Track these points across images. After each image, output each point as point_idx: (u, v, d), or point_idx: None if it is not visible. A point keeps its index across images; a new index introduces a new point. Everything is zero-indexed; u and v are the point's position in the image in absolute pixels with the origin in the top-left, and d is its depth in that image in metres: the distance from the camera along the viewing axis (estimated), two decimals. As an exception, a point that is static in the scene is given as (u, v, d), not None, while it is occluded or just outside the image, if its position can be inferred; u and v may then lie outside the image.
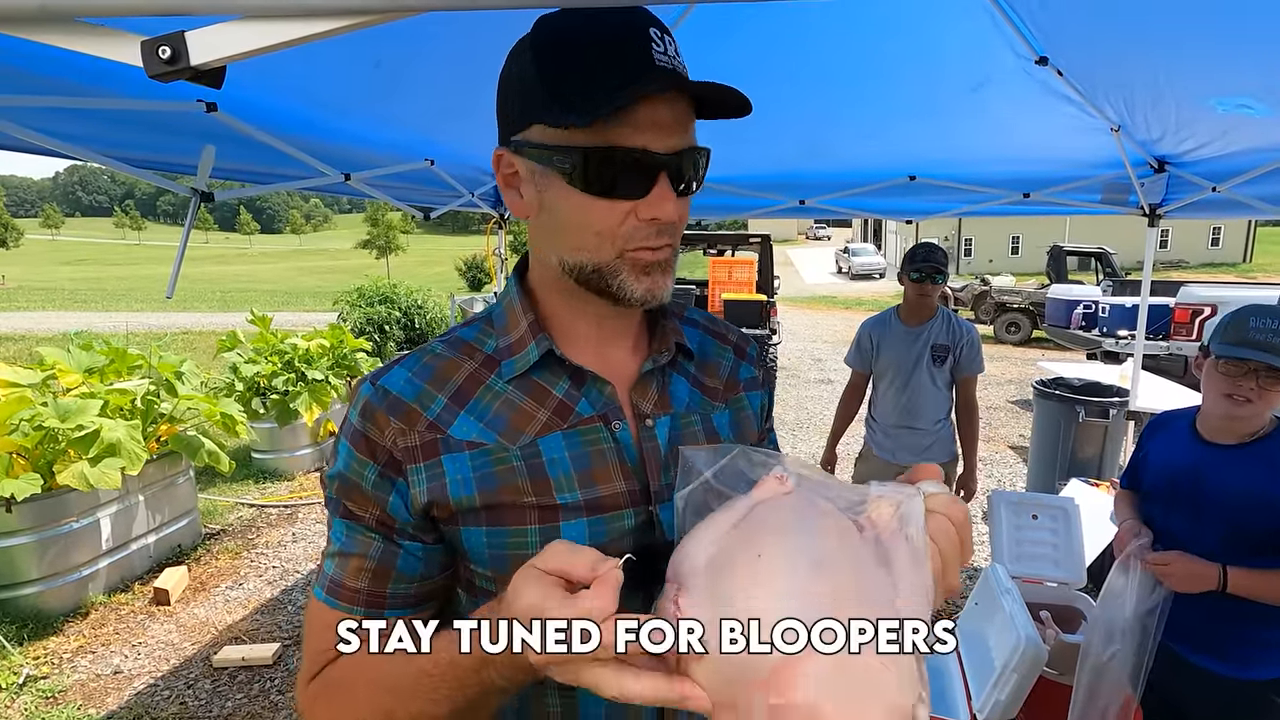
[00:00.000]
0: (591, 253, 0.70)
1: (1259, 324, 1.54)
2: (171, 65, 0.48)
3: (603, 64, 0.64)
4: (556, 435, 0.73)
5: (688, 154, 0.68)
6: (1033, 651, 1.77)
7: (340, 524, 0.74)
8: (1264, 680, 1.63)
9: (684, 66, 0.67)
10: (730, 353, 0.91)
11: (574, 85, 0.64)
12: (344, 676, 0.70)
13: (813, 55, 2.20)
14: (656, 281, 0.71)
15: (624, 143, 0.65)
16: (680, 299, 0.94)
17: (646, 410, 0.78)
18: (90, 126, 1.85)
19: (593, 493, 0.72)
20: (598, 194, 0.67)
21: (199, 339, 14.29)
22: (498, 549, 0.72)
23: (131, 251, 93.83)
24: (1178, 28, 1.69)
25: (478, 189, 3.61)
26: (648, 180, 0.67)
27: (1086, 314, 10.04)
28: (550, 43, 0.66)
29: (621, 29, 0.64)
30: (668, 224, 0.69)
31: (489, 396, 0.75)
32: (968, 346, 3.00)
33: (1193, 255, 32.03)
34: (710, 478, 0.59)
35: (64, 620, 3.56)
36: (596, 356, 0.78)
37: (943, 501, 0.55)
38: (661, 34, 0.66)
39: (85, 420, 3.54)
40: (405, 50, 1.88)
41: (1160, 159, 2.86)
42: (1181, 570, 1.63)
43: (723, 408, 0.85)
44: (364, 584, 0.72)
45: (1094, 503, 3.03)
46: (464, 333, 0.80)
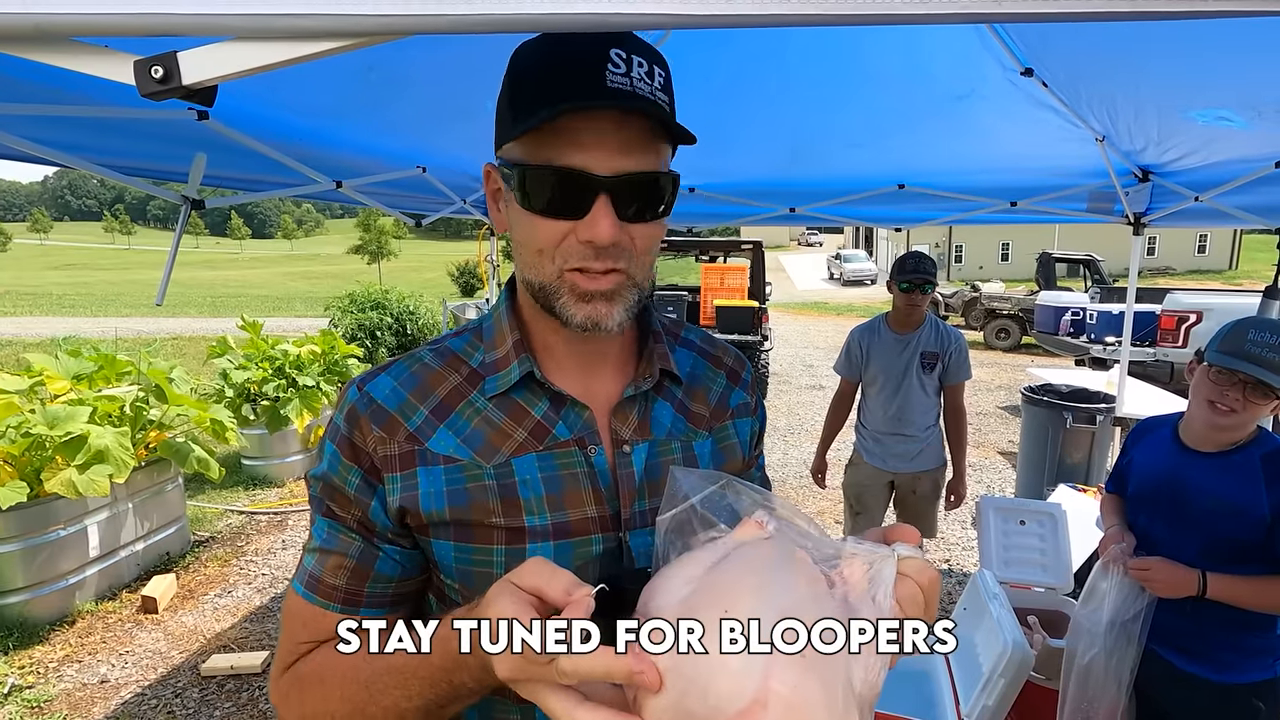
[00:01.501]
0: (536, 271, 0.71)
1: (1256, 337, 1.55)
2: (164, 84, 0.49)
3: (550, 82, 0.64)
4: (530, 456, 0.74)
5: (636, 179, 0.67)
6: (1019, 656, 1.79)
7: (323, 522, 0.75)
8: (1245, 684, 1.65)
9: (652, 89, 0.65)
10: (723, 377, 0.90)
11: (522, 102, 0.66)
12: (317, 670, 0.72)
13: (802, 66, 2.23)
14: (598, 309, 0.70)
15: (560, 161, 0.65)
16: (673, 305, 0.94)
17: (625, 436, 0.77)
18: (81, 134, 1.84)
19: (562, 517, 0.73)
20: (538, 212, 0.67)
21: (189, 345, 14.20)
22: (464, 564, 0.73)
23: (121, 256, 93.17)
24: (1158, 41, 1.72)
25: (470, 196, 3.62)
26: (586, 202, 0.66)
27: (1075, 320, 10.13)
28: (519, 64, 0.69)
29: (582, 49, 0.64)
30: (606, 247, 0.67)
31: (469, 412, 0.76)
32: (956, 353, 3.03)
33: (1179, 262, 32.37)
34: (695, 503, 0.59)
35: (50, 629, 3.52)
36: (577, 380, 0.79)
37: (914, 566, 0.55)
38: (628, 56, 0.64)
39: (73, 427, 3.52)
40: (397, 58, 1.89)
41: (1144, 169, 2.90)
42: (1162, 576, 1.66)
43: (706, 435, 0.84)
44: (342, 581, 0.74)
45: (1081, 508, 3.06)
46: (453, 343, 0.81)
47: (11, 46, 0.49)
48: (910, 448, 3.09)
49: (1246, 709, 1.65)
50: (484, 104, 0.74)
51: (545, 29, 0.46)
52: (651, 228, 0.71)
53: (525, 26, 0.47)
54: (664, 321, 0.90)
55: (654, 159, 0.69)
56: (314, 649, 0.74)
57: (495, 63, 0.72)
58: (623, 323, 0.72)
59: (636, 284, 0.73)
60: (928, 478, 3.14)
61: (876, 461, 3.15)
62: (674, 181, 0.72)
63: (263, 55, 0.48)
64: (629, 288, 0.72)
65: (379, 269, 49.36)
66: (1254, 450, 1.62)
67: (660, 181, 0.70)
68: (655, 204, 0.70)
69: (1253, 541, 1.58)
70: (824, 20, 0.46)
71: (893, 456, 3.12)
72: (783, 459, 6.48)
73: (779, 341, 12.86)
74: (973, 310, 15.34)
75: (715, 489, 0.60)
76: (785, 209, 3.74)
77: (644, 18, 0.46)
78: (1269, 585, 1.57)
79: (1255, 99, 1.91)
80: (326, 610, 0.73)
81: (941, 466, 3.17)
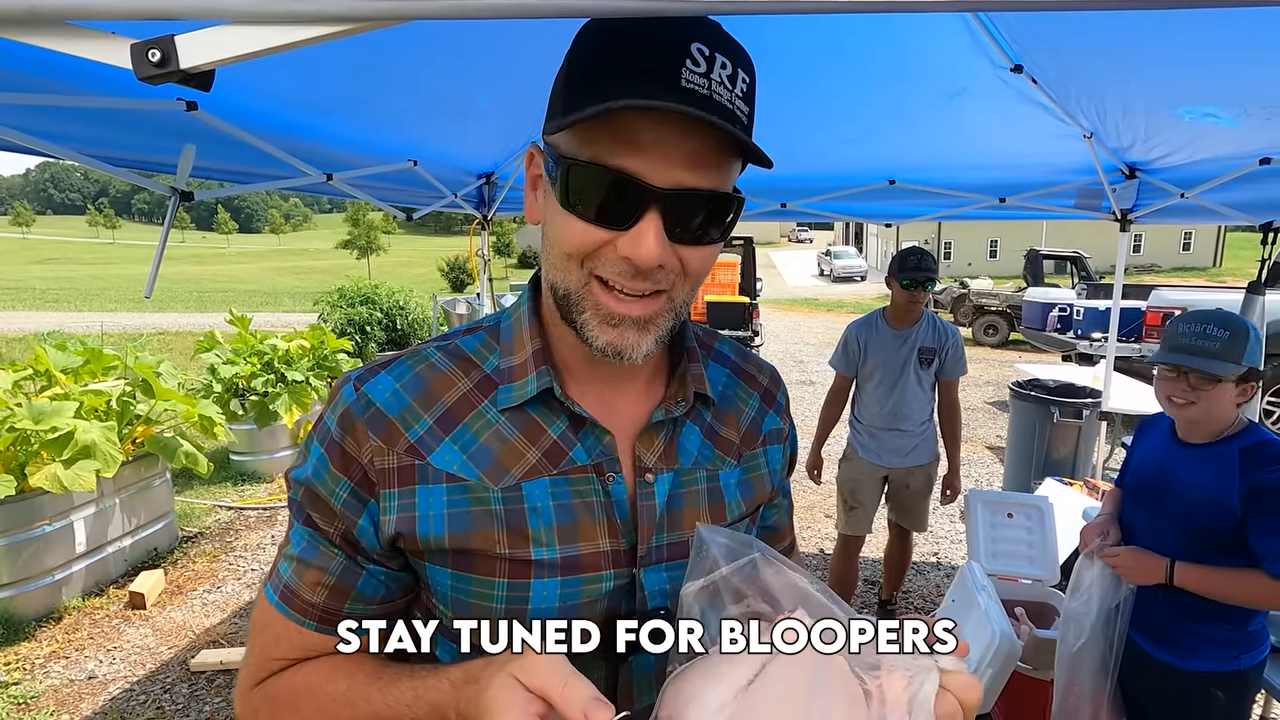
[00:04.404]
0: (563, 275, 0.63)
1: (1185, 329, 1.64)
2: (160, 68, 0.49)
3: (617, 70, 0.56)
4: (543, 481, 0.67)
5: (693, 196, 0.58)
6: (1007, 647, 1.81)
7: (302, 530, 0.68)
8: (1207, 672, 1.69)
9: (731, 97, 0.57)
10: (756, 399, 0.82)
11: (580, 87, 0.58)
12: (290, 695, 0.67)
13: (794, 61, 2.23)
14: (626, 337, 0.62)
15: (612, 162, 0.56)
16: (706, 335, 0.83)
17: (649, 464, 0.70)
18: (68, 124, 1.83)
19: (572, 550, 0.66)
20: (577, 212, 0.59)
21: (175, 340, 14.06)
22: (461, 594, 0.67)
23: (106, 250, 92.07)
24: (1146, 39, 1.74)
25: (460, 190, 3.61)
26: (634, 212, 0.57)
27: (1062, 317, 10.20)
28: (585, 43, 0.60)
29: (661, 38, 0.55)
30: (646, 268, 0.59)
31: (479, 424, 0.68)
32: (953, 349, 3.06)
33: (1165, 260, 32.68)
34: (726, 573, 0.55)
35: (36, 625, 3.49)
36: (600, 398, 0.71)
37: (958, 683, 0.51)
38: (711, 54, 0.56)
39: (59, 422, 3.48)
40: (391, 51, 1.88)
41: (1131, 165, 2.93)
42: (1130, 563, 1.71)
43: (734, 465, 0.76)
44: (320, 599, 0.67)
45: (1068, 501, 3.09)
46: (465, 342, 0.73)
47: (6, 29, 0.48)
48: (905, 443, 3.11)
49: (1205, 697, 1.69)
50: (477, 98, 0.74)
51: (534, 15, 0.46)
52: (706, 252, 0.63)
53: (520, 13, 0.47)
54: (698, 333, 0.81)
55: (721, 176, 0.60)
56: (287, 667, 0.68)
57: (489, 56, 0.72)
58: (651, 352, 0.64)
59: (675, 310, 0.64)
60: (921, 472, 3.17)
61: (871, 456, 3.17)
62: (739, 204, 0.63)
63: (261, 39, 0.48)
64: (666, 314, 0.64)
65: (368, 264, 49.05)
66: (1236, 442, 1.65)
67: (725, 202, 0.61)
68: (714, 227, 0.61)
69: (1226, 532, 1.61)
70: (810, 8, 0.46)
71: (887, 451, 3.14)
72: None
73: (769, 338, 12.89)
74: (961, 307, 15.43)
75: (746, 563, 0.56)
76: (776, 204, 3.76)
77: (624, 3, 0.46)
78: (1238, 577, 1.60)
79: (1242, 96, 1.94)
80: (302, 628, 0.67)
81: (934, 461, 3.20)
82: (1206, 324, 1.61)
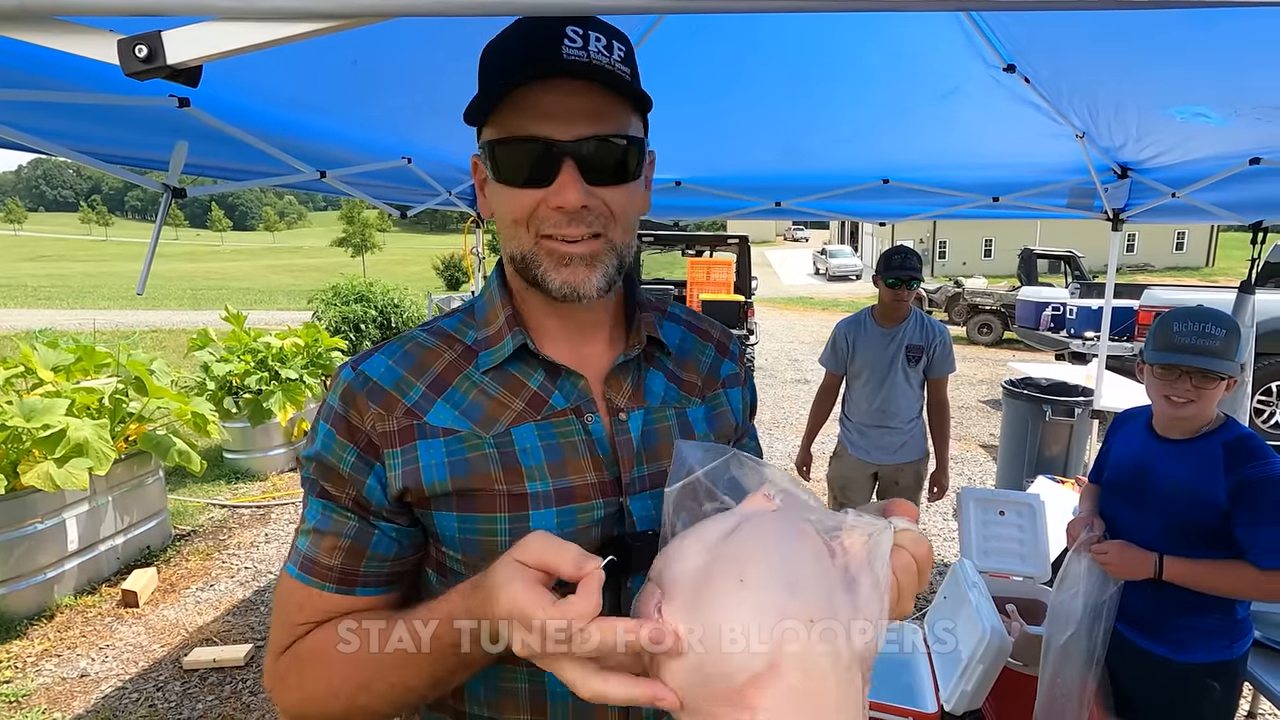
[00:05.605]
0: (516, 243, 0.73)
1: (1182, 328, 1.63)
2: (148, 64, 0.49)
3: (510, 62, 0.68)
4: (529, 425, 0.75)
5: (599, 142, 0.69)
6: (998, 643, 1.82)
7: (316, 503, 0.75)
8: (1201, 664, 1.71)
9: (611, 60, 0.68)
10: (711, 349, 0.92)
11: (488, 86, 0.70)
12: (318, 647, 0.71)
13: (789, 61, 2.23)
14: (576, 273, 0.71)
15: (522, 132, 0.68)
16: (660, 300, 0.96)
17: (620, 404, 0.79)
18: (60, 121, 1.81)
19: (564, 482, 0.73)
20: (510, 183, 0.70)
21: (169, 338, 14.01)
22: (468, 534, 0.73)
23: (98, 248, 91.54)
24: (1138, 39, 1.74)
25: (455, 187, 3.60)
26: (552, 168, 0.68)
27: (1055, 316, 10.25)
28: (485, 57, 0.72)
29: (539, 30, 0.67)
30: (575, 211, 0.69)
31: (466, 385, 0.76)
32: (940, 347, 3.07)
33: (1158, 259, 32.84)
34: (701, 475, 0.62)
35: (28, 623, 3.48)
36: (570, 351, 0.79)
37: (910, 539, 0.59)
38: (585, 32, 0.67)
39: (51, 419, 3.47)
40: (383, 48, 1.88)
41: (1123, 165, 2.95)
42: (1118, 558, 1.71)
43: (699, 403, 0.85)
44: (338, 561, 0.73)
45: (1060, 499, 3.10)
46: (446, 323, 0.82)
47: (-7, 24, 0.48)
48: (894, 440, 3.12)
49: (1202, 688, 1.71)
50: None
51: (528, 12, 0.47)
52: (623, 191, 0.72)
53: (508, 10, 0.47)
54: (652, 299, 0.92)
55: (618, 124, 0.71)
56: (312, 629, 0.73)
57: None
58: (602, 288, 0.73)
59: (616, 249, 0.74)
60: (910, 469, 3.18)
61: (860, 454, 3.18)
62: (641, 145, 0.73)
63: (247, 35, 0.48)
64: (608, 252, 0.73)
65: (363, 262, 48.94)
66: (1217, 438, 1.67)
67: (625, 144, 0.71)
68: (623, 167, 0.72)
69: (1210, 525, 1.63)
70: (807, 8, 0.47)
71: (876, 449, 3.15)
72: (767, 452, 6.50)
73: (764, 336, 12.91)
74: (955, 305, 15.48)
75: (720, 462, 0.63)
76: (771, 203, 3.76)
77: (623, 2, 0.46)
78: (1224, 569, 1.62)
79: (1232, 96, 1.95)
80: (323, 591, 0.73)
81: (924, 458, 3.21)
82: (1204, 322, 1.61)
